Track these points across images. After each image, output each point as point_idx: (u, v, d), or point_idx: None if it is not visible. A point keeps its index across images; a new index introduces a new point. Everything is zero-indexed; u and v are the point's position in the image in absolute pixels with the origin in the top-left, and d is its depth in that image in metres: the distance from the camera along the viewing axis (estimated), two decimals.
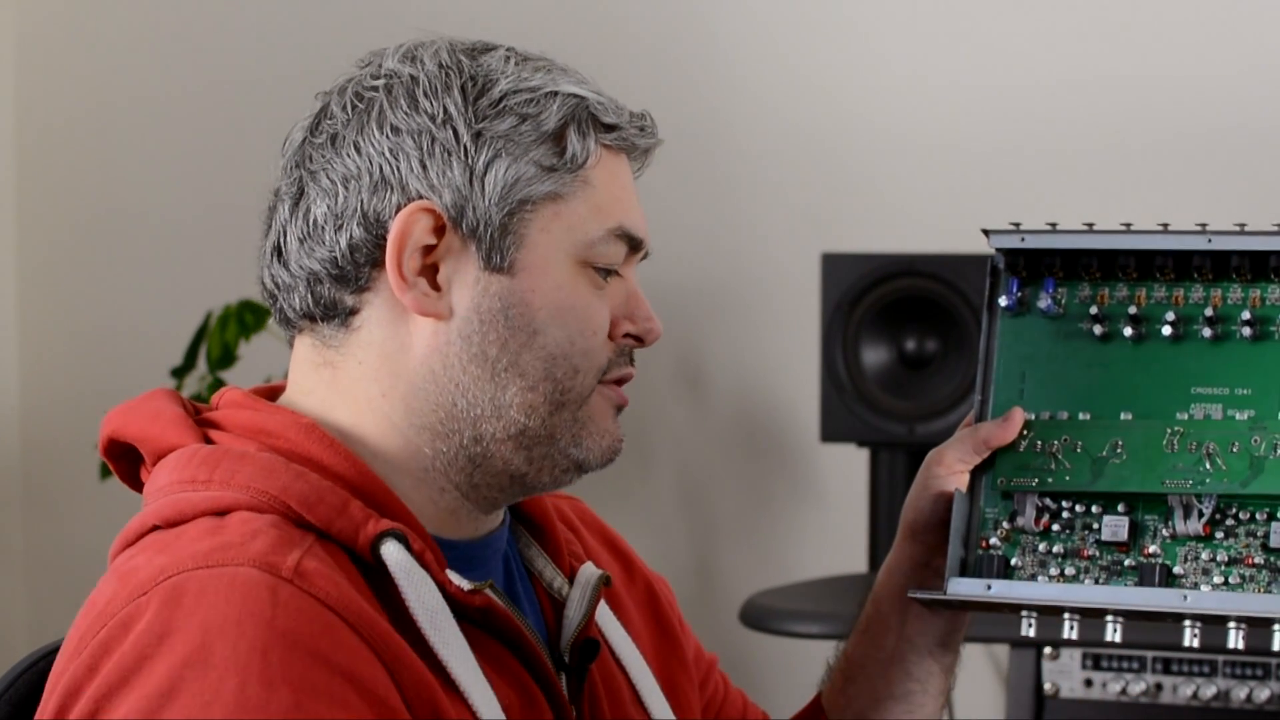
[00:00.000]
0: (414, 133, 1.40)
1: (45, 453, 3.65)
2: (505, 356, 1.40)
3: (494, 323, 1.40)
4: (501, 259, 1.40)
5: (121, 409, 1.45)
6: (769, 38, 3.26)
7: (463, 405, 1.41)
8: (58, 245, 3.67)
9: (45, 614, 3.62)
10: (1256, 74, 3.00)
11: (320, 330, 1.44)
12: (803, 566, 3.24)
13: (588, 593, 1.50)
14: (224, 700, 1.22)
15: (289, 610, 1.26)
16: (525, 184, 1.40)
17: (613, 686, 1.52)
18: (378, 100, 1.42)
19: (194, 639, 1.25)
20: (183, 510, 1.36)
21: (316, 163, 1.42)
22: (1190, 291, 1.55)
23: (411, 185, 1.40)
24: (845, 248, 3.04)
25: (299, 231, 1.42)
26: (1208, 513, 1.49)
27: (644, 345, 1.47)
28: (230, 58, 3.54)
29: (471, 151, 1.40)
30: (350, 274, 1.41)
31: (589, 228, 1.42)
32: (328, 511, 1.35)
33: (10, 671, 1.50)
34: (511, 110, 1.41)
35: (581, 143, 1.42)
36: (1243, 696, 2.48)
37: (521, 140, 1.40)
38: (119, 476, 1.49)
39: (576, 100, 1.43)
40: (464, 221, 1.40)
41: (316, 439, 1.40)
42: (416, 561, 1.36)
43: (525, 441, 1.42)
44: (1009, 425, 1.54)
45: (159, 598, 1.28)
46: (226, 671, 1.23)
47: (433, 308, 1.40)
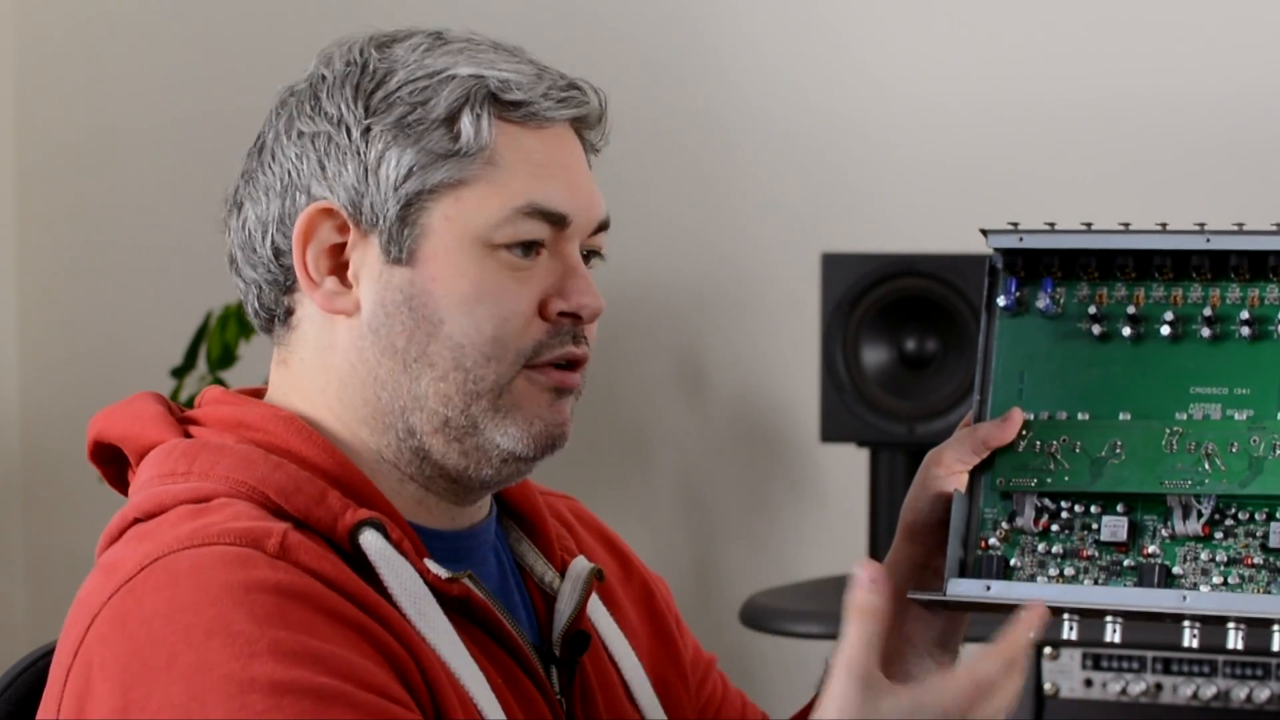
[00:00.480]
0: (313, 136, 1.43)
1: (45, 453, 3.65)
2: (413, 347, 1.41)
3: (398, 314, 1.41)
4: (400, 250, 1.41)
5: (105, 412, 1.48)
6: (768, 38, 3.26)
7: (385, 398, 1.42)
8: (58, 245, 3.67)
9: (45, 614, 3.62)
10: (1254, 73, 3.00)
11: (276, 331, 1.48)
12: (803, 566, 3.24)
13: (579, 585, 1.50)
14: (262, 657, 1.23)
15: (289, 572, 1.29)
16: (419, 173, 1.40)
17: (605, 680, 1.52)
18: (291, 106, 1.46)
19: (206, 611, 1.26)
20: (162, 501, 1.37)
21: (250, 171, 1.48)
22: (1189, 291, 1.55)
23: (314, 188, 1.42)
24: (845, 248, 3.04)
25: (239, 241, 1.47)
26: (1207, 513, 1.49)
27: (583, 322, 1.45)
28: (230, 57, 3.54)
29: (363, 148, 1.41)
30: (280, 278, 1.45)
31: (492, 210, 1.41)
32: (305, 501, 1.36)
33: (10, 671, 1.51)
34: (402, 101, 1.41)
35: (475, 124, 1.41)
36: (1243, 696, 2.48)
37: (412, 130, 1.41)
38: (108, 481, 1.50)
39: (473, 81, 1.42)
40: (363, 217, 1.41)
41: (295, 430, 1.41)
42: (395, 550, 1.37)
43: (452, 433, 1.42)
44: (1008, 425, 1.54)
45: (150, 580, 1.29)
46: (253, 631, 1.24)
47: (340, 305, 1.42)
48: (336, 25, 3.61)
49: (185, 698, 1.23)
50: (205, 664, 1.24)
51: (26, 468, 3.68)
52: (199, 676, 1.23)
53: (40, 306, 3.69)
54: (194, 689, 1.23)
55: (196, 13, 3.57)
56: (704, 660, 1.71)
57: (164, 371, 3.22)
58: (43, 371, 3.68)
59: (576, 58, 2.93)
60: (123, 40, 3.62)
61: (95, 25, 3.64)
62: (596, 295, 1.44)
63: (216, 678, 1.23)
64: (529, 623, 1.50)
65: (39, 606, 3.65)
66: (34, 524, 3.67)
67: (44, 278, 3.68)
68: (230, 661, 1.24)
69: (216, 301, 3.20)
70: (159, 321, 3.52)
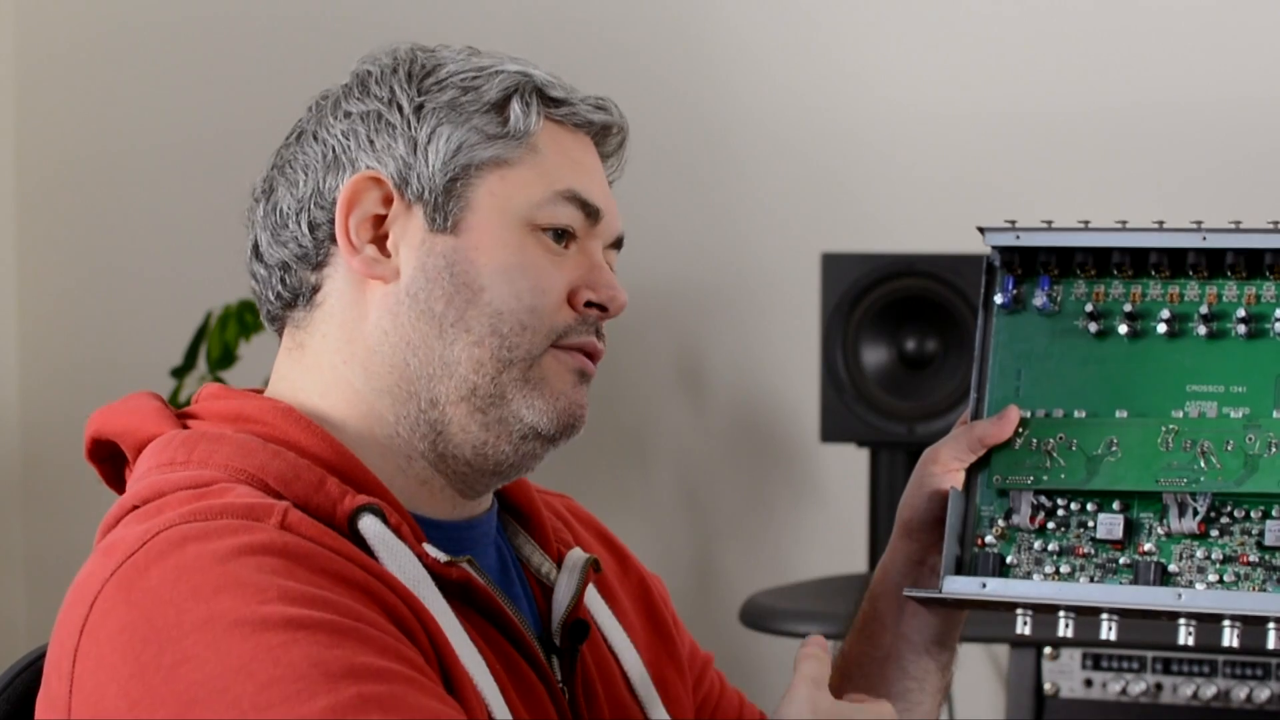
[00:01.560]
0: (363, 114, 1.47)
1: (46, 453, 3.66)
2: (451, 312, 1.44)
3: (439, 280, 1.44)
4: (445, 220, 1.45)
5: (102, 410, 1.49)
6: (768, 40, 3.26)
7: (415, 365, 1.44)
8: (58, 245, 3.67)
9: (45, 614, 3.62)
10: (1252, 73, 3.00)
11: (294, 316, 1.49)
12: (803, 566, 3.24)
13: (575, 575, 1.52)
14: (273, 601, 1.25)
15: (295, 539, 1.30)
16: (468, 149, 1.45)
17: (605, 670, 1.53)
18: (335, 94, 1.50)
19: (213, 570, 1.26)
20: (160, 489, 1.38)
21: (284, 159, 1.50)
22: (1185, 289, 1.55)
23: (361, 161, 1.46)
24: (845, 248, 3.04)
25: (270, 225, 1.49)
26: (1202, 511, 1.49)
27: (608, 315, 1.49)
28: (230, 57, 3.54)
29: (414, 123, 1.46)
30: (311, 253, 1.47)
31: (534, 190, 1.46)
32: (304, 488, 1.37)
33: (10, 671, 1.51)
34: (454, 85, 1.47)
35: (525, 112, 1.47)
36: (1243, 696, 2.48)
37: (464, 110, 1.46)
38: (105, 480, 1.51)
39: (521, 76, 1.48)
40: (409, 188, 1.45)
41: (293, 420, 1.43)
42: (394, 534, 1.37)
43: (478, 403, 1.44)
44: (1004, 423, 1.54)
45: (153, 550, 1.29)
46: (262, 580, 1.26)
47: (380, 270, 1.45)
48: (342, 25, 3.62)
49: (199, 648, 1.24)
50: (215, 615, 1.24)
51: (26, 468, 3.68)
52: (209, 627, 1.24)
53: (40, 307, 3.69)
54: (206, 639, 1.24)
55: (197, 16, 3.58)
56: (701, 658, 1.71)
57: (164, 372, 3.22)
58: (43, 372, 3.68)
59: (577, 60, 2.94)
60: (123, 44, 3.62)
61: (96, 30, 3.64)
62: (622, 291, 1.49)
63: (228, 623, 1.24)
64: (530, 614, 1.51)
65: (39, 606, 3.66)
66: (34, 524, 3.67)
67: (44, 278, 3.69)
68: (240, 608, 1.24)
69: (216, 301, 3.20)
70: (159, 321, 3.52)
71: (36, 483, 3.67)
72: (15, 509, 3.67)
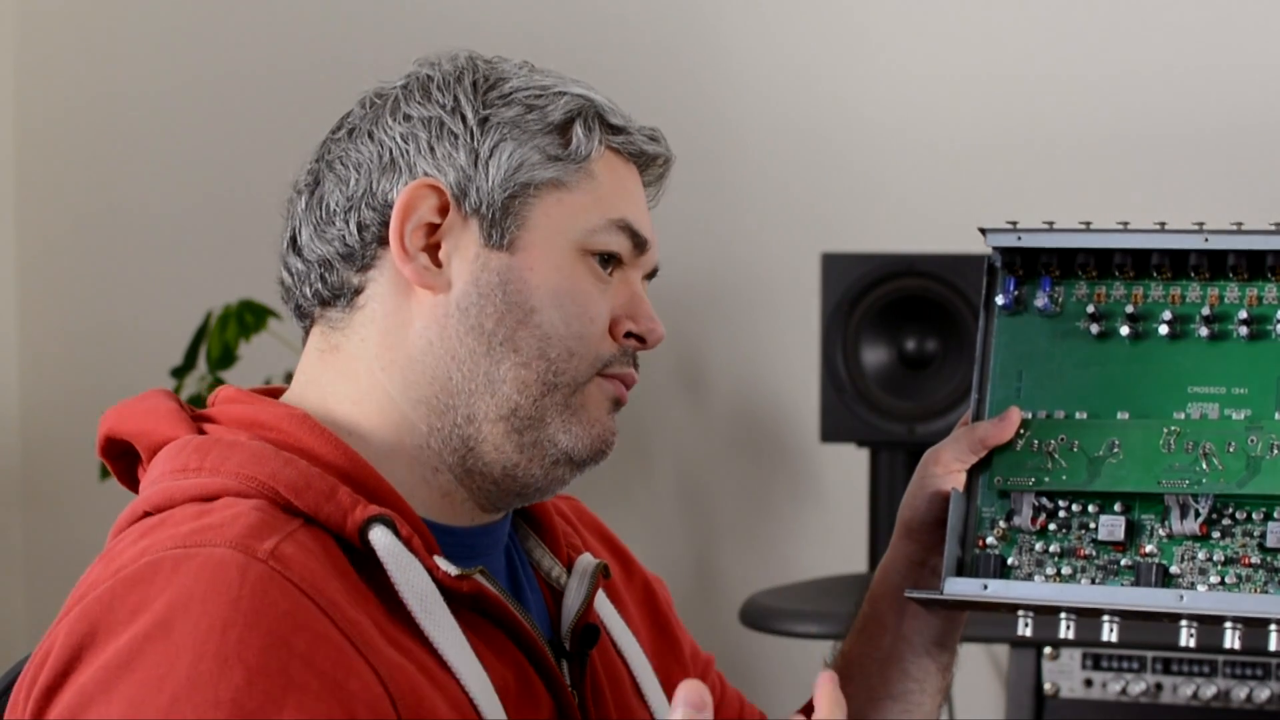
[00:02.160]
0: (425, 119, 1.46)
1: (45, 453, 3.66)
2: (501, 330, 1.43)
3: (491, 297, 1.43)
4: (502, 237, 1.44)
5: (118, 408, 1.48)
6: (769, 38, 3.26)
7: (458, 379, 1.43)
8: (57, 245, 3.67)
9: (45, 614, 3.61)
10: (1254, 73, 3.00)
11: (328, 315, 1.47)
12: (803, 566, 3.24)
13: (586, 580, 1.52)
14: (177, 674, 1.24)
15: (255, 590, 1.28)
16: (529, 168, 1.44)
17: (613, 674, 1.53)
18: (394, 94, 1.48)
19: (159, 613, 1.26)
20: (172, 496, 1.37)
21: (334, 153, 1.48)
22: (1187, 290, 1.55)
23: (419, 166, 1.45)
24: (845, 248, 3.04)
25: (314, 219, 1.47)
26: (1204, 512, 1.49)
27: (645, 347, 1.50)
28: (230, 57, 3.54)
29: (477, 135, 1.45)
30: (357, 253, 1.45)
31: (591, 216, 1.46)
32: (315, 497, 1.36)
33: (10, 671, 1.50)
34: (519, 101, 1.46)
35: (587, 137, 1.46)
36: (1243, 696, 2.48)
37: (527, 128, 1.45)
38: (117, 477, 1.50)
39: (584, 100, 1.48)
40: (467, 200, 1.44)
41: (309, 429, 1.42)
42: (405, 547, 1.37)
43: (516, 424, 1.43)
44: (1005, 424, 1.54)
45: (134, 576, 1.30)
46: (183, 646, 1.25)
47: (432, 280, 1.44)
48: (342, 24, 3.62)
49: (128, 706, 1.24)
50: (163, 676, 1.24)
51: (26, 468, 3.68)
52: (153, 686, 1.24)
53: (41, 307, 3.69)
54: (143, 696, 1.24)
55: (198, 16, 3.58)
56: (702, 659, 1.71)
57: (164, 371, 3.22)
58: (43, 372, 3.68)
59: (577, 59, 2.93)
60: (125, 38, 3.62)
61: (97, 23, 3.64)
62: (661, 324, 1.50)
63: (166, 696, 1.24)
64: (541, 617, 1.51)
65: (39, 606, 3.66)
66: (34, 524, 3.67)
67: (44, 277, 3.69)
68: (190, 683, 1.24)
69: (216, 301, 3.20)
70: (159, 321, 3.52)
71: (36, 483, 3.67)
72: (15, 509, 3.67)
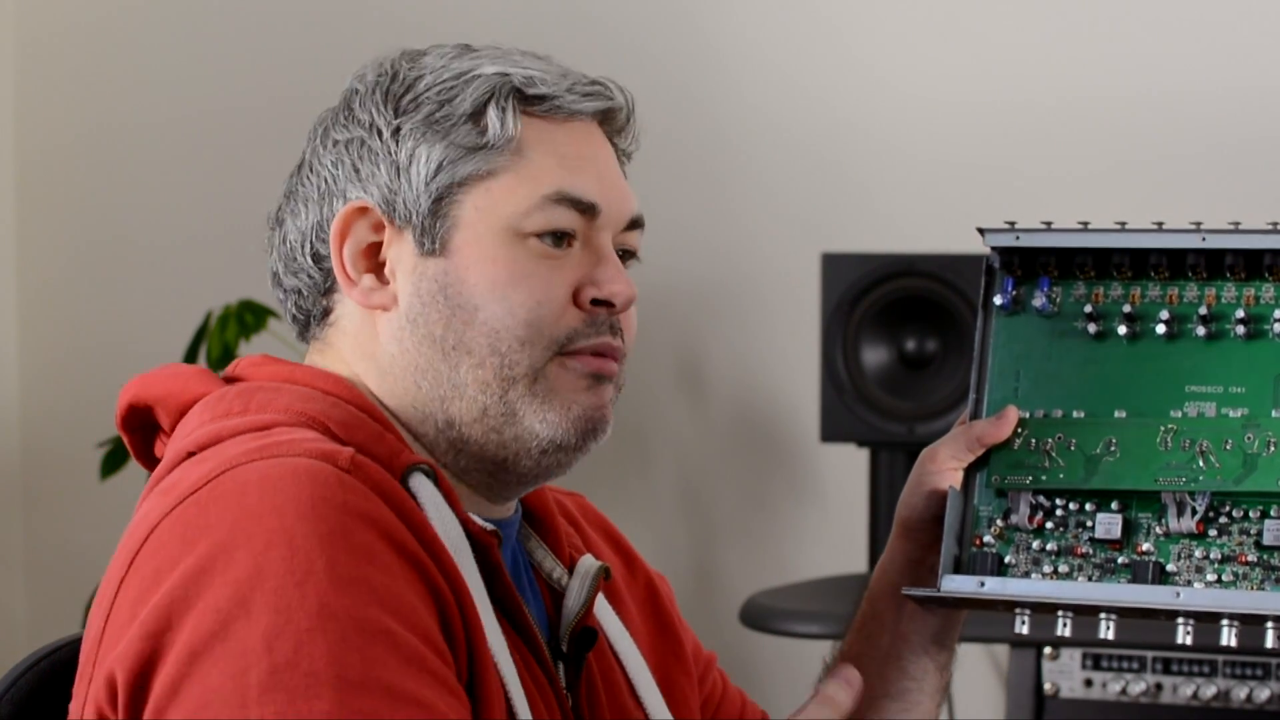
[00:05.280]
0: (348, 143, 1.46)
1: (45, 453, 3.66)
2: (451, 335, 1.43)
3: (434, 303, 1.43)
4: (433, 242, 1.44)
5: (140, 378, 1.49)
6: (769, 38, 3.26)
7: (426, 388, 1.44)
8: (58, 245, 3.67)
9: (45, 614, 3.62)
10: (1251, 73, 3.00)
11: (313, 330, 1.50)
12: (803, 566, 3.24)
13: (587, 583, 1.52)
14: (317, 576, 1.24)
15: (358, 494, 1.29)
16: (449, 166, 1.44)
17: (609, 677, 1.53)
18: (326, 121, 1.49)
19: (270, 521, 1.26)
20: (219, 434, 1.37)
21: (290, 189, 1.51)
22: (1185, 290, 1.55)
23: (350, 191, 1.46)
24: (845, 248, 3.04)
25: (281, 255, 1.50)
26: (1201, 510, 1.49)
27: (616, 311, 1.47)
28: (230, 58, 3.54)
29: (393, 147, 1.45)
30: (319, 282, 1.48)
31: (520, 198, 1.44)
32: (366, 436, 1.38)
33: (10, 671, 1.50)
34: (428, 100, 1.45)
35: (501, 118, 1.44)
36: (1243, 696, 2.48)
37: (440, 126, 1.44)
38: (133, 451, 1.50)
39: (498, 78, 1.45)
40: (396, 213, 1.44)
41: (345, 387, 1.43)
42: (444, 498, 1.38)
43: (491, 422, 1.44)
44: (1003, 423, 1.54)
45: (217, 490, 1.29)
46: (313, 549, 1.25)
47: (377, 300, 1.45)
48: (342, 28, 3.62)
49: (231, 603, 1.24)
50: (260, 573, 1.24)
51: (26, 468, 3.68)
52: (249, 584, 1.24)
53: (40, 307, 3.69)
54: (242, 595, 1.24)
55: (199, 12, 3.58)
56: (703, 658, 1.71)
57: None
58: (43, 372, 3.68)
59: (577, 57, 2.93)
60: (124, 41, 3.62)
61: (96, 24, 3.64)
62: (629, 283, 1.47)
63: (268, 589, 1.24)
64: (540, 617, 1.51)
65: (39, 606, 3.66)
66: (34, 524, 3.67)
67: (44, 278, 3.69)
68: (284, 575, 1.24)
69: (216, 301, 3.20)
70: (159, 321, 3.52)
71: (36, 482, 3.67)
72: (15, 508, 3.68)
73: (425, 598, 1.30)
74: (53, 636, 1.56)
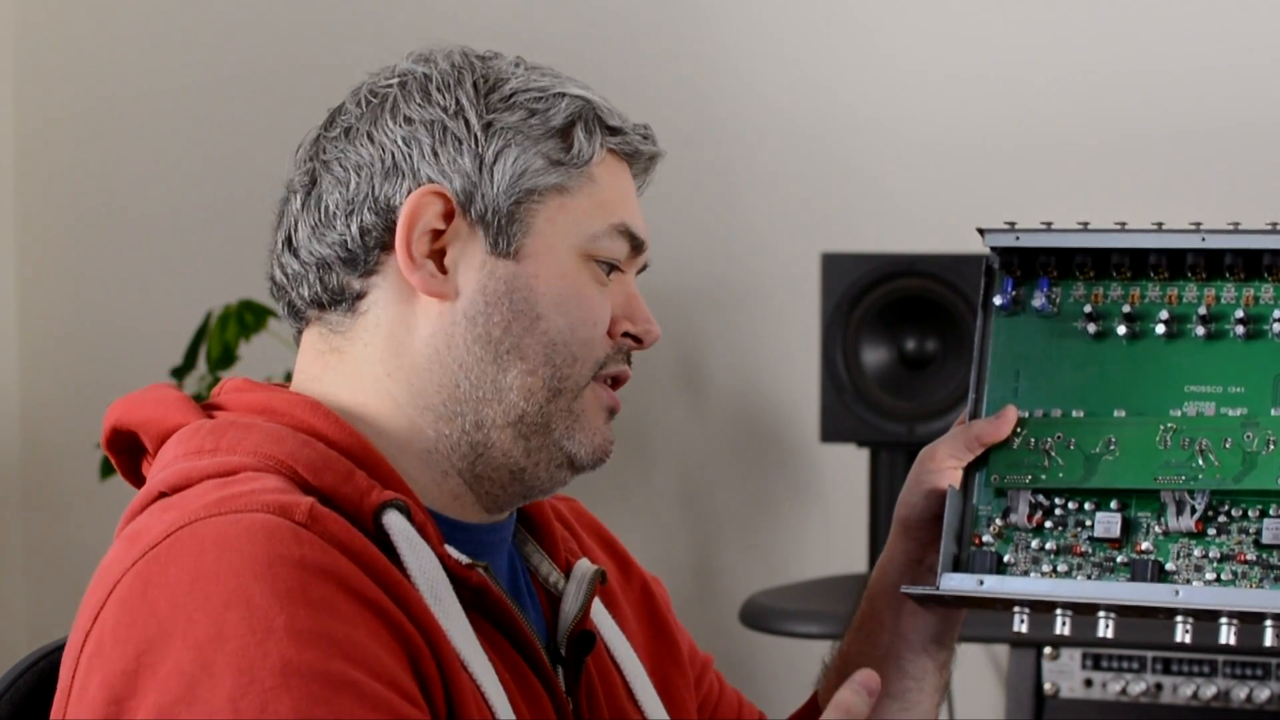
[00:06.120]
0: (427, 122, 1.45)
1: (45, 453, 3.66)
2: (508, 339, 1.43)
3: (498, 305, 1.43)
4: (508, 244, 1.44)
5: (124, 400, 1.47)
6: (769, 38, 3.26)
7: (465, 387, 1.43)
8: (57, 245, 3.68)
9: (45, 614, 3.62)
10: (1251, 73, 3.00)
11: (327, 318, 1.47)
12: (803, 566, 3.24)
13: (583, 586, 1.52)
14: (277, 634, 1.24)
15: (315, 548, 1.29)
16: (533, 175, 1.44)
17: (608, 681, 1.53)
18: (392, 94, 1.47)
19: (228, 581, 1.26)
20: (189, 476, 1.37)
21: (330, 153, 1.47)
22: (1184, 290, 1.55)
23: (423, 171, 1.44)
24: (845, 248, 3.04)
25: (311, 220, 1.46)
26: (1200, 509, 1.49)
27: (642, 347, 1.50)
28: (231, 57, 3.54)
29: (482, 141, 1.44)
30: (360, 258, 1.45)
31: (593, 221, 1.46)
32: (333, 478, 1.37)
33: (10, 671, 1.50)
34: (521, 105, 1.46)
35: (588, 140, 1.46)
36: (1243, 696, 2.48)
37: (530, 133, 1.45)
38: (121, 471, 1.50)
39: (583, 102, 1.47)
40: (472, 207, 1.44)
41: (321, 415, 1.42)
42: (418, 533, 1.37)
43: (523, 430, 1.44)
44: (1002, 422, 1.54)
45: (175, 547, 1.29)
46: (271, 607, 1.25)
47: (439, 288, 1.43)
48: (344, 24, 3.61)
49: (194, 666, 1.24)
50: (220, 634, 1.24)
51: (26, 467, 3.68)
52: (211, 646, 1.24)
53: (41, 307, 3.69)
54: (204, 657, 1.24)
55: (198, 15, 3.58)
56: (700, 659, 1.71)
57: (164, 371, 3.22)
58: (43, 372, 3.68)
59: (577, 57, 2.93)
60: (125, 39, 3.63)
61: (96, 27, 3.64)
62: (657, 324, 1.50)
63: (229, 650, 1.24)
64: (537, 622, 1.51)
65: (39, 606, 3.66)
66: (34, 524, 3.68)
67: (44, 278, 3.69)
68: (245, 635, 1.24)
69: (216, 301, 3.20)
70: (159, 321, 3.52)
71: (36, 482, 3.67)
72: (15, 509, 3.68)
73: (390, 645, 1.29)
74: (53, 636, 1.56)
